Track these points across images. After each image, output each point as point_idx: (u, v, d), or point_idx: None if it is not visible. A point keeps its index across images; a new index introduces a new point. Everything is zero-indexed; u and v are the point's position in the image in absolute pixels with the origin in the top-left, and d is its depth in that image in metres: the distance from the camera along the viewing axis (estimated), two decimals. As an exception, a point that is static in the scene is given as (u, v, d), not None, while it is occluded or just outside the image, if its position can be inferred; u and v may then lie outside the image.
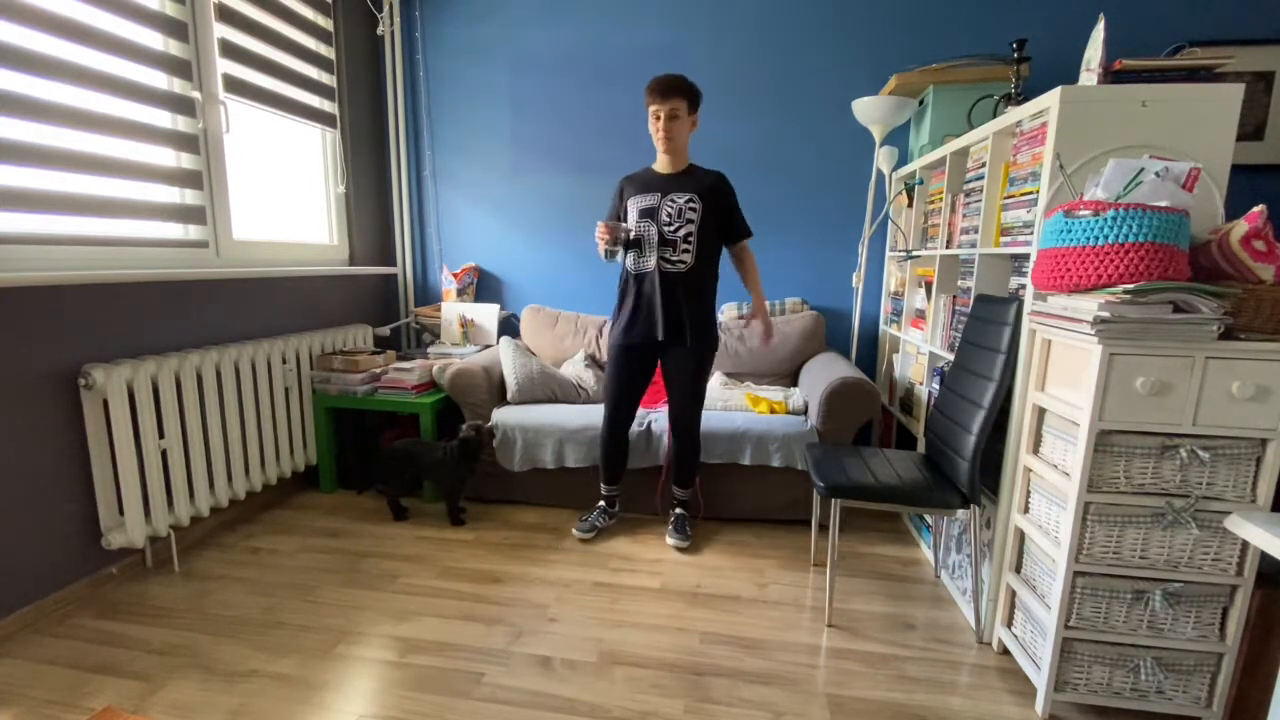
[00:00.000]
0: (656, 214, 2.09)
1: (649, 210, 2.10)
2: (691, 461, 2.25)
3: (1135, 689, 1.40)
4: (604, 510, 2.38)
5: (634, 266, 2.15)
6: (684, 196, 2.08)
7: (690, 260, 2.08)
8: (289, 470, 2.50)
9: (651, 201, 2.10)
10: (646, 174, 2.17)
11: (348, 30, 2.90)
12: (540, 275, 3.22)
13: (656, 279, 2.09)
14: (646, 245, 2.10)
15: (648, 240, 2.10)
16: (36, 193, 1.71)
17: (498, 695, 1.48)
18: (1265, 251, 1.26)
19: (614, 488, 2.37)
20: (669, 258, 2.08)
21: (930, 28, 2.73)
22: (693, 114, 2.09)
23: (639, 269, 2.13)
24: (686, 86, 2.03)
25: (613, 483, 2.36)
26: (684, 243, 2.07)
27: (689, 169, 2.14)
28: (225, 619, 1.77)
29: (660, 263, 2.09)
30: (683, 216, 2.07)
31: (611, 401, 2.23)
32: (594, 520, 2.33)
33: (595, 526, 2.32)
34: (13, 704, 1.43)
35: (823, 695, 1.50)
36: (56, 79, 1.73)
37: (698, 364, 2.14)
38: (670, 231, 2.07)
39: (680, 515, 2.32)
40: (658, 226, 2.08)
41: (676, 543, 2.22)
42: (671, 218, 2.07)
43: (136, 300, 1.97)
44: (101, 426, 1.84)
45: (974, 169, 1.95)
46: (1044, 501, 1.49)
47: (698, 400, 2.19)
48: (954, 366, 1.83)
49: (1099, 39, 1.48)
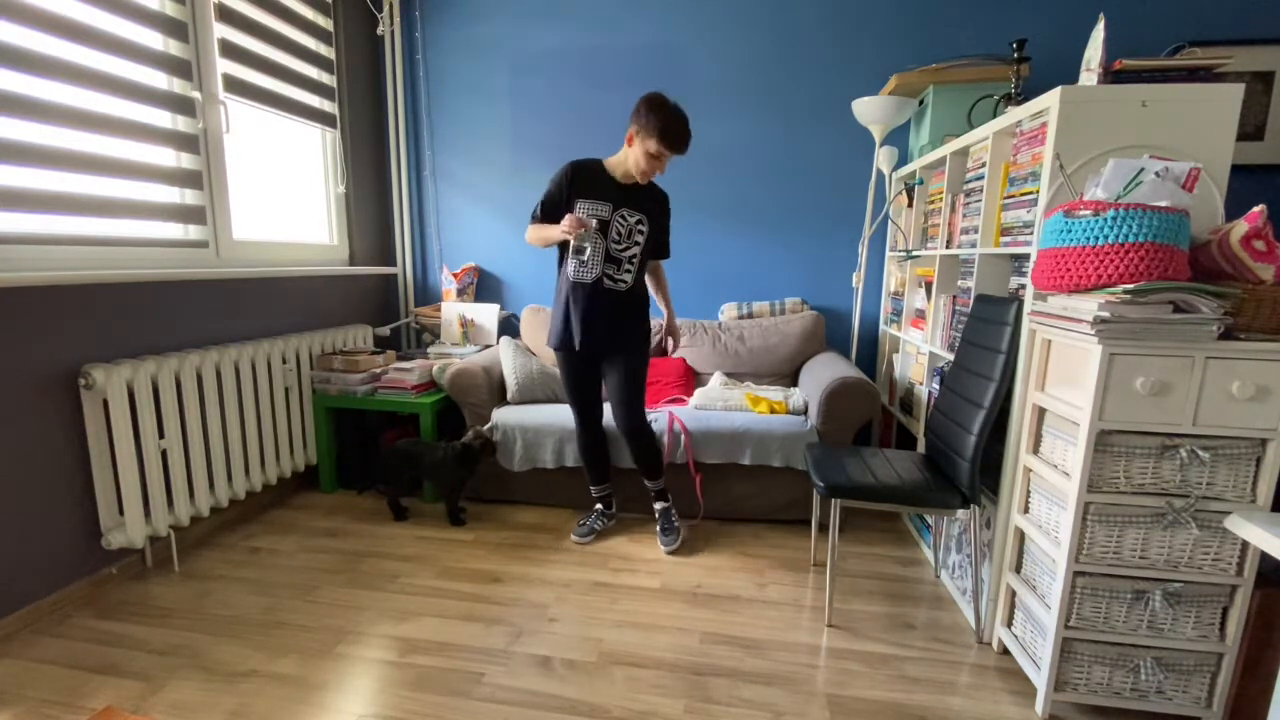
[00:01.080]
0: (607, 229, 2.03)
1: (601, 222, 2.03)
2: (649, 455, 2.21)
3: (1135, 689, 1.40)
4: (601, 513, 2.37)
5: (574, 275, 2.07)
6: (634, 216, 2.04)
7: (630, 281, 2.08)
8: (289, 470, 2.50)
9: (603, 213, 2.02)
10: (599, 174, 2.06)
11: (348, 30, 2.90)
12: (540, 275, 3.22)
13: (595, 294, 2.05)
14: (592, 255, 2.04)
15: (594, 251, 2.03)
16: (36, 193, 1.71)
17: (498, 695, 1.48)
18: (1265, 251, 1.26)
19: (603, 487, 2.36)
20: (612, 275, 2.05)
21: (930, 28, 2.73)
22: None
23: (578, 278, 2.06)
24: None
25: (600, 482, 2.35)
26: (628, 263, 2.06)
27: (643, 184, 2.07)
28: (225, 619, 1.77)
29: (604, 278, 2.05)
30: (631, 237, 2.05)
31: (574, 404, 2.23)
32: (592, 524, 2.32)
33: (594, 530, 2.31)
34: (13, 704, 1.43)
35: (823, 695, 1.50)
36: (56, 79, 1.73)
37: (630, 370, 2.13)
38: (618, 250, 2.04)
39: (663, 509, 2.30)
40: (606, 242, 2.03)
41: (666, 546, 2.20)
42: (621, 237, 2.04)
43: (136, 300, 1.97)
44: (101, 426, 1.84)
45: (974, 169, 1.95)
46: (1044, 501, 1.49)
47: (635, 401, 2.15)
48: (954, 366, 1.83)
49: (1099, 39, 1.48)
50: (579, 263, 2.06)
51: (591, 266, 2.05)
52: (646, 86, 2.96)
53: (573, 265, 2.08)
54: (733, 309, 2.95)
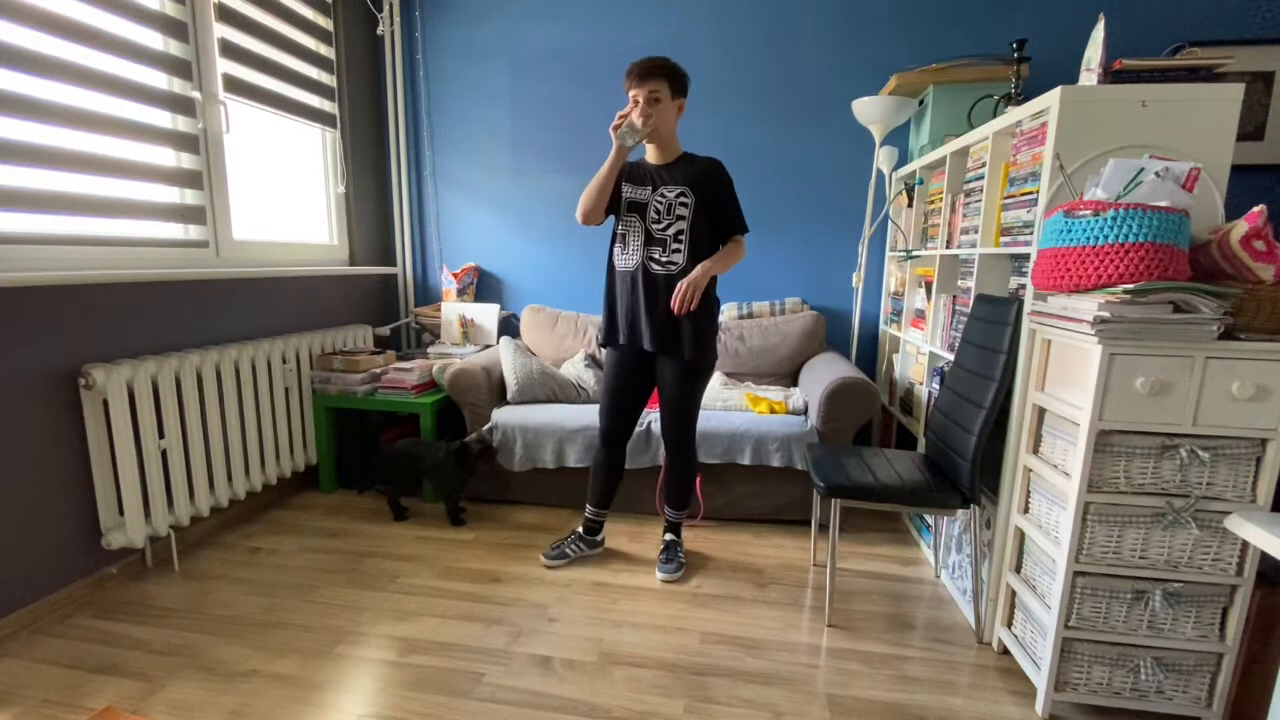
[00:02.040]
0: (645, 210, 1.89)
1: (638, 205, 1.90)
2: (682, 484, 2.07)
3: (1135, 689, 1.40)
4: (580, 538, 2.14)
5: (619, 262, 1.95)
6: (674, 190, 1.87)
7: (681, 262, 1.87)
8: (289, 470, 2.50)
9: (642, 195, 1.90)
10: (639, 164, 1.96)
11: (348, 30, 2.90)
12: (540, 275, 3.22)
13: (637, 281, 1.90)
14: (632, 240, 1.91)
15: (633, 236, 1.91)
16: (37, 193, 1.71)
17: (498, 695, 1.48)
18: (1265, 251, 1.26)
19: (601, 512, 2.13)
20: (657, 257, 1.88)
21: (930, 28, 2.73)
22: (678, 99, 1.86)
23: (624, 265, 1.93)
24: (669, 68, 1.82)
25: (601, 506, 2.12)
26: (674, 241, 1.87)
27: (682, 157, 1.93)
28: (225, 619, 1.77)
29: (648, 262, 1.89)
30: (672, 212, 1.87)
31: (603, 413, 2.05)
32: (565, 547, 2.11)
33: (566, 555, 2.10)
34: (13, 704, 1.43)
35: (823, 695, 1.50)
36: (56, 79, 1.73)
37: (689, 379, 1.94)
38: (659, 230, 1.88)
39: (671, 541, 2.10)
40: (645, 224, 1.89)
41: (665, 574, 2.01)
42: (660, 214, 1.87)
43: (136, 300, 1.97)
44: (101, 426, 1.84)
45: (974, 169, 1.95)
46: (1044, 501, 1.49)
47: (686, 419, 1.98)
48: (954, 366, 1.83)
49: (1099, 39, 1.48)
50: (619, 249, 1.94)
51: (632, 251, 1.91)
52: (646, 86, 2.96)
53: (617, 253, 1.95)
54: (733, 309, 2.95)
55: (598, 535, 2.17)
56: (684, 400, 1.96)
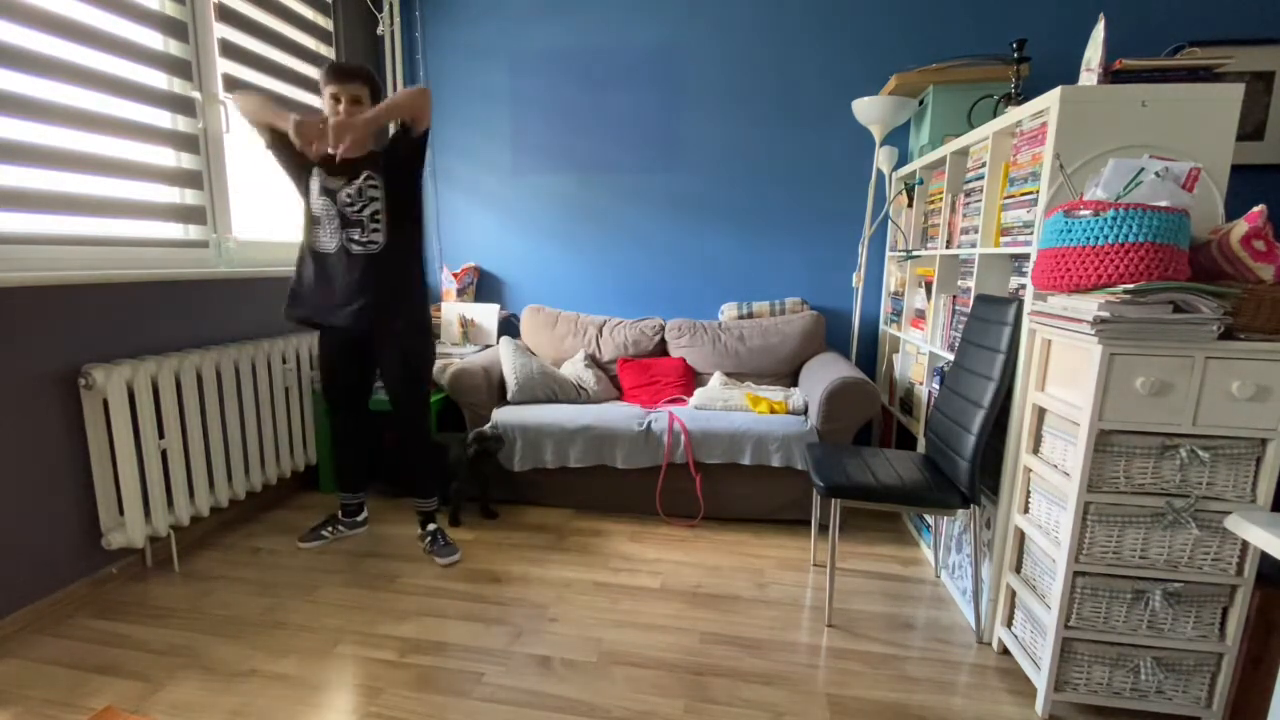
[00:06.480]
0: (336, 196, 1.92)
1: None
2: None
3: (1135, 689, 1.40)
4: (337, 519, 2.23)
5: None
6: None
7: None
8: (289, 470, 2.50)
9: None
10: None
11: (348, 30, 2.90)
12: (540, 275, 3.22)
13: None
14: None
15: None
16: (37, 193, 1.71)
17: (498, 695, 1.48)
18: (1265, 251, 1.26)
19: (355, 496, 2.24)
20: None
21: (930, 28, 2.73)
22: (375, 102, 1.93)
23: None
24: (366, 74, 1.90)
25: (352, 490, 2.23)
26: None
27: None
28: (225, 619, 1.77)
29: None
30: (364, 195, 1.91)
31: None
32: (322, 529, 2.21)
33: (322, 537, 2.20)
34: (13, 704, 1.43)
35: (823, 695, 1.50)
36: (56, 79, 1.73)
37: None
38: (354, 212, 1.91)
39: (434, 531, 2.16)
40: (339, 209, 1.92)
41: (445, 561, 2.08)
42: (353, 199, 1.91)
43: (136, 300, 1.97)
44: (101, 426, 1.84)
45: (974, 169, 1.95)
46: (1044, 501, 1.49)
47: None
48: (954, 366, 1.83)
49: (1099, 39, 1.48)
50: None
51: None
52: (646, 86, 2.97)
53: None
54: (733, 309, 2.95)
55: (359, 515, 2.30)
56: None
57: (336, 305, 1.96)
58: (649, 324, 2.94)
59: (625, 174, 3.06)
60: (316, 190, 1.93)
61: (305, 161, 1.95)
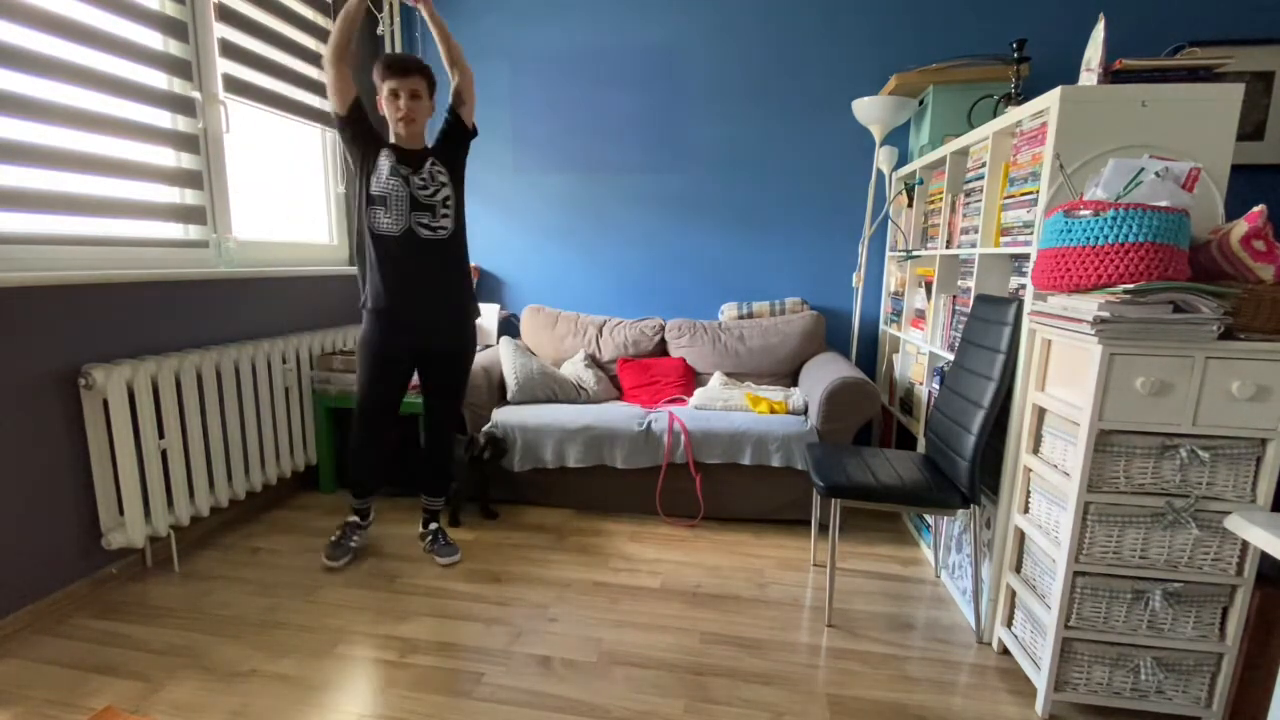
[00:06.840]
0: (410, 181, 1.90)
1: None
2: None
3: (1135, 689, 1.40)
4: (356, 526, 2.13)
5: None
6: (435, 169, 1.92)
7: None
8: (289, 470, 2.50)
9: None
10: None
11: (348, 30, 2.90)
12: (540, 275, 3.22)
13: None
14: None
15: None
16: (37, 193, 1.71)
17: (498, 695, 1.48)
18: (1265, 251, 1.26)
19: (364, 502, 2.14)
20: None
21: (930, 28, 2.73)
22: (433, 98, 1.95)
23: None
24: (425, 67, 1.88)
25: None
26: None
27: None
28: (225, 619, 1.77)
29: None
30: (435, 180, 1.90)
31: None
32: (347, 542, 2.09)
33: (350, 550, 2.09)
34: (13, 704, 1.43)
35: (823, 695, 1.50)
36: (56, 79, 1.73)
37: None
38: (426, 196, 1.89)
39: (435, 530, 2.15)
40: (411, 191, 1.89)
41: (446, 560, 2.07)
42: (426, 182, 1.90)
43: (136, 300, 1.97)
44: (101, 426, 1.84)
45: (974, 169, 1.95)
46: (1044, 501, 1.49)
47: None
48: (954, 366, 1.83)
49: (1099, 39, 1.48)
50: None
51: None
52: (646, 86, 2.97)
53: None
54: (733, 309, 2.95)
55: (367, 520, 2.19)
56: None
57: (417, 291, 1.92)
58: (649, 324, 2.94)
59: (625, 174, 3.06)
60: (386, 170, 1.86)
61: (377, 139, 1.91)
